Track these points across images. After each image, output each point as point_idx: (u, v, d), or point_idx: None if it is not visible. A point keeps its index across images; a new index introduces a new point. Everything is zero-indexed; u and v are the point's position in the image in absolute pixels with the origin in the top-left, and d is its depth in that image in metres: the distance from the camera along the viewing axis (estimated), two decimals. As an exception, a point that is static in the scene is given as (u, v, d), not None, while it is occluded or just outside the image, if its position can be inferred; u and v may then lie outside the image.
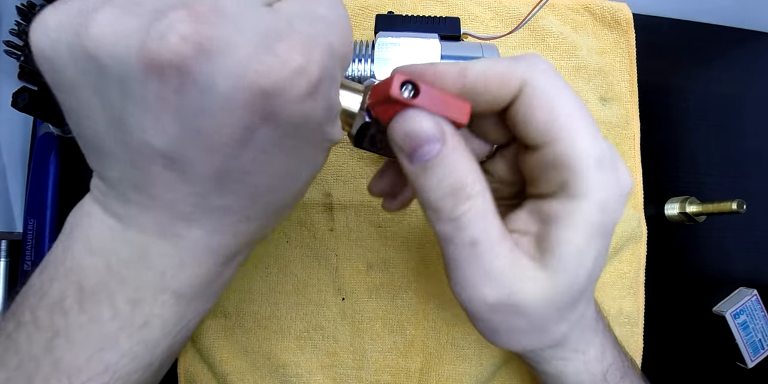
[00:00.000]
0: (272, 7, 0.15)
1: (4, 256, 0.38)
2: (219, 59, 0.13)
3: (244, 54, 0.14)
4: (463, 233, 0.17)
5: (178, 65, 0.13)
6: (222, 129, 0.15)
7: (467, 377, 0.34)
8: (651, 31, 0.41)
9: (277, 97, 0.14)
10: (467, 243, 0.17)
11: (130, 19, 0.14)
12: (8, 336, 0.18)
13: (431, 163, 0.17)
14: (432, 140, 0.16)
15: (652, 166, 0.39)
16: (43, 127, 0.39)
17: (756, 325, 0.38)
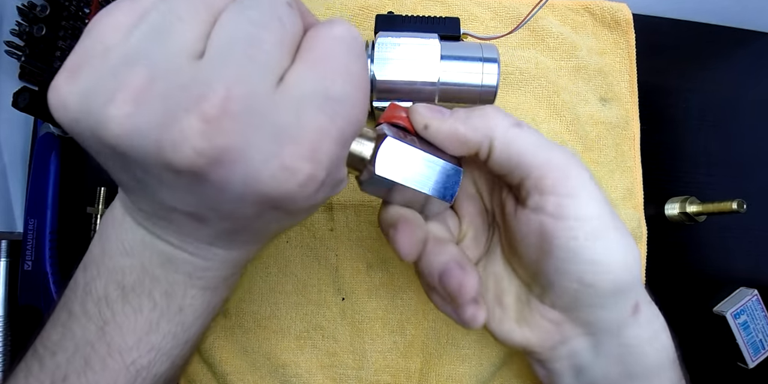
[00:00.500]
0: (283, 87, 0.15)
1: (5, 256, 0.38)
2: (232, 168, 0.15)
3: (255, 164, 0.15)
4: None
5: (194, 171, 0.15)
6: (235, 212, 0.17)
7: (467, 377, 0.34)
8: (651, 31, 0.41)
9: (286, 201, 0.16)
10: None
11: (143, 116, 0.14)
12: (63, 325, 0.21)
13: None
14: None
15: (652, 166, 0.39)
16: (44, 127, 0.39)
17: (756, 325, 0.38)
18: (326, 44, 0.17)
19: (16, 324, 0.39)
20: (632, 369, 0.23)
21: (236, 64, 0.14)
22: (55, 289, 0.37)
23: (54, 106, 0.16)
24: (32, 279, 0.37)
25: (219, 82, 0.14)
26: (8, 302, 0.38)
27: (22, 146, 0.41)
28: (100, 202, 0.38)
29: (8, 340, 0.38)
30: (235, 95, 0.14)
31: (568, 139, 0.37)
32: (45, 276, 0.37)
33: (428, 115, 0.22)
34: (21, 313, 0.38)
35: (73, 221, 0.39)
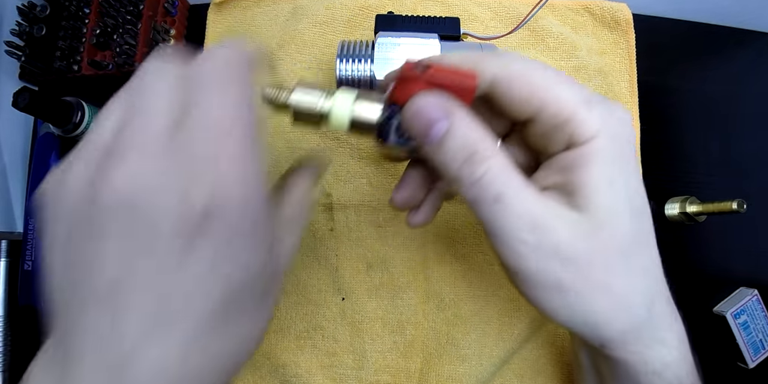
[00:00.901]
0: (173, 147, 0.16)
1: (5, 256, 0.38)
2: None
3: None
4: (486, 191, 0.18)
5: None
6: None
7: (467, 377, 0.34)
8: (651, 31, 0.41)
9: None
10: (492, 199, 0.18)
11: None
12: None
13: (445, 138, 0.18)
14: (439, 119, 0.18)
15: (652, 166, 0.39)
16: (44, 127, 0.39)
17: (757, 325, 0.38)
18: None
19: (16, 324, 0.39)
20: (613, 373, 0.22)
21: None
22: (55, 289, 0.37)
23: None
24: (32, 279, 0.37)
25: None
26: (8, 302, 0.38)
27: (22, 146, 0.41)
28: (100, 202, 0.38)
29: (8, 340, 0.38)
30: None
31: (568, 139, 0.37)
32: (45, 276, 0.37)
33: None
34: (21, 313, 0.38)
35: (73, 221, 0.39)
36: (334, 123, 0.21)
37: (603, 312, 0.19)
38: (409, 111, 0.19)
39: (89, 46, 0.39)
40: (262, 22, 0.39)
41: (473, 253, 0.36)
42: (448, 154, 0.19)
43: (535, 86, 0.19)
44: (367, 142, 0.36)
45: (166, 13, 0.39)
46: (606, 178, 0.18)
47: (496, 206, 0.18)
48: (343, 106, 0.21)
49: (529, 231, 0.18)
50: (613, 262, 0.19)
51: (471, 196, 0.19)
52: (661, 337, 0.21)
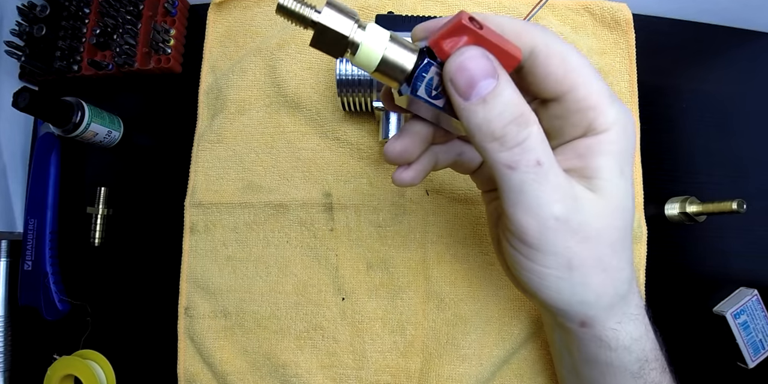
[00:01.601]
0: None
1: (5, 256, 0.38)
2: None
3: None
4: (529, 155, 0.18)
5: None
6: None
7: (467, 377, 0.34)
8: (651, 31, 0.41)
9: None
10: (533, 164, 0.18)
11: None
12: None
13: (491, 95, 0.18)
14: (488, 75, 0.18)
15: (652, 166, 0.39)
16: (44, 127, 0.39)
17: (756, 325, 0.38)
18: None
19: (16, 324, 0.39)
20: (586, 357, 0.24)
21: None
22: (55, 289, 0.37)
23: None
24: (32, 279, 0.37)
25: None
26: (8, 302, 0.38)
27: (22, 146, 0.41)
28: (100, 202, 0.38)
29: (8, 340, 0.38)
30: None
31: (568, 139, 0.37)
32: (45, 276, 0.37)
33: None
34: (21, 313, 0.38)
35: (73, 221, 0.39)
36: (362, 58, 0.19)
37: (596, 289, 0.21)
38: (455, 63, 0.18)
39: (89, 46, 0.39)
40: (262, 22, 0.39)
41: (473, 253, 0.36)
42: (493, 112, 0.18)
43: (571, 68, 0.19)
44: (368, 142, 0.36)
45: (166, 13, 0.39)
46: (620, 166, 0.20)
47: (535, 171, 0.18)
48: (377, 42, 0.19)
49: (562, 203, 0.19)
50: (617, 241, 0.21)
51: (509, 158, 0.18)
52: (631, 312, 0.23)
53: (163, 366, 0.36)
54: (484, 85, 0.18)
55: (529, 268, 0.20)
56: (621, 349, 0.23)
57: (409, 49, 0.19)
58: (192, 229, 0.37)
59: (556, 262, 0.20)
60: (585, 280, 0.20)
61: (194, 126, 0.38)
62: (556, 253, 0.20)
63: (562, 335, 0.25)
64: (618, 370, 0.23)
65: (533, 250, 0.20)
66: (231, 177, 0.37)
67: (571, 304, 0.21)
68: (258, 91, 0.37)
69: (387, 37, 0.19)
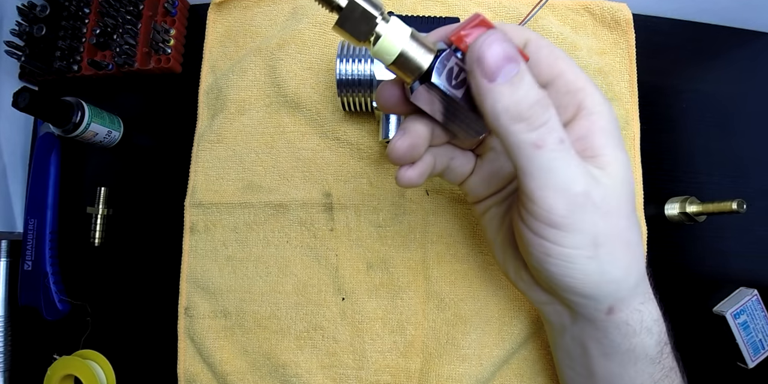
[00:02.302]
0: None
1: (5, 256, 0.38)
2: None
3: None
4: (554, 134, 0.19)
5: None
6: None
7: (467, 377, 0.34)
8: (651, 31, 0.41)
9: None
10: (558, 141, 0.19)
11: None
12: None
13: (517, 77, 0.19)
14: (514, 58, 0.19)
15: (652, 166, 0.39)
16: (44, 127, 0.39)
17: (756, 325, 0.38)
18: None
19: (16, 324, 0.39)
20: (606, 349, 0.24)
21: None
22: (55, 289, 0.37)
23: None
24: (32, 279, 0.37)
25: None
26: (8, 302, 0.38)
27: (22, 146, 0.41)
28: (100, 202, 0.38)
29: (8, 340, 0.38)
30: None
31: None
32: (45, 276, 0.37)
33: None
34: (21, 313, 0.38)
35: (73, 221, 0.39)
36: (382, 49, 0.20)
37: (624, 266, 0.22)
38: (482, 44, 0.19)
39: (89, 46, 0.39)
40: (262, 22, 0.39)
41: (473, 253, 0.36)
42: (520, 94, 0.19)
43: (558, 56, 0.22)
44: (368, 142, 0.36)
45: (166, 13, 0.39)
46: (616, 141, 0.21)
47: (560, 149, 0.19)
48: (399, 35, 0.20)
49: (584, 179, 0.20)
50: (631, 214, 0.22)
51: (537, 137, 0.19)
52: (650, 291, 0.24)
53: (163, 366, 0.36)
54: (510, 67, 0.19)
55: (556, 253, 0.21)
56: (644, 333, 0.23)
57: (427, 48, 0.20)
58: (192, 229, 0.37)
59: (583, 240, 0.20)
60: (612, 257, 0.21)
61: (194, 126, 0.38)
62: (583, 231, 0.20)
63: (578, 332, 0.25)
64: (639, 357, 0.24)
65: (560, 231, 0.20)
66: (231, 177, 0.37)
67: (600, 286, 0.21)
68: (258, 91, 0.37)
69: (409, 32, 0.20)
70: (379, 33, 0.19)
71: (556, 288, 0.23)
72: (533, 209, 0.20)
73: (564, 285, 0.22)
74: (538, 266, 0.22)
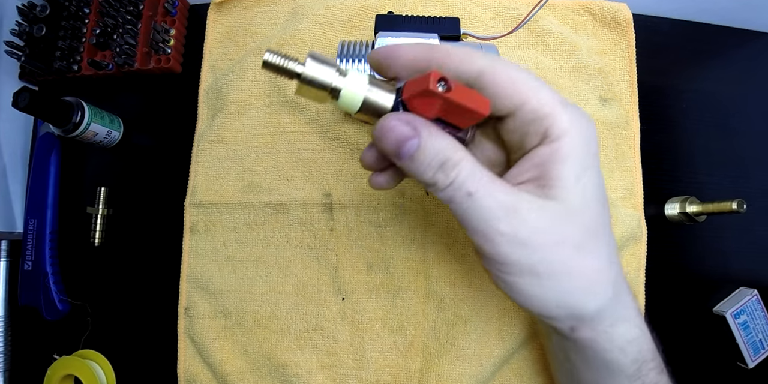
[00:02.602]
0: None
1: (5, 256, 0.38)
2: None
3: None
4: (460, 191, 0.20)
5: None
6: None
7: (467, 377, 0.34)
8: (651, 31, 0.41)
9: None
10: (465, 195, 0.20)
11: None
12: None
13: (418, 152, 0.20)
14: (409, 137, 0.20)
15: (652, 166, 0.39)
16: (44, 127, 0.39)
17: (756, 325, 0.38)
18: None
19: (16, 324, 0.39)
20: (583, 359, 0.24)
21: None
22: (55, 289, 0.37)
23: None
24: (32, 279, 0.37)
25: None
26: (8, 302, 0.38)
27: (22, 146, 0.41)
28: (100, 202, 0.38)
29: (8, 340, 0.38)
30: None
31: (568, 139, 0.37)
32: (45, 276, 0.37)
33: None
34: (21, 313, 0.38)
35: (73, 221, 0.39)
36: (345, 102, 0.21)
37: (577, 292, 0.21)
38: (379, 132, 0.20)
39: (89, 46, 0.39)
40: (262, 22, 0.39)
41: (473, 253, 0.36)
42: (422, 166, 0.20)
43: (519, 83, 0.21)
44: (368, 142, 0.36)
45: (166, 13, 0.39)
46: (578, 171, 0.21)
47: (469, 201, 0.20)
48: (357, 88, 0.21)
49: (504, 220, 0.20)
50: (585, 243, 0.21)
51: (446, 197, 0.21)
52: (624, 314, 0.23)
53: (163, 366, 0.36)
54: (408, 146, 0.20)
55: (502, 279, 0.21)
56: (616, 351, 0.23)
57: (387, 90, 0.21)
58: (192, 229, 0.37)
59: (520, 270, 0.21)
60: (557, 286, 0.21)
61: (194, 126, 0.38)
62: (518, 263, 0.20)
63: (558, 340, 0.25)
64: (614, 372, 0.24)
65: (497, 262, 0.21)
66: (231, 177, 0.37)
67: (551, 310, 0.22)
68: (258, 91, 0.37)
69: (366, 80, 0.21)
70: (337, 88, 0.21)
71: (523, 309, 0.23)
72: (474, 243, 0.21)
73: (521, 303, 0.22)
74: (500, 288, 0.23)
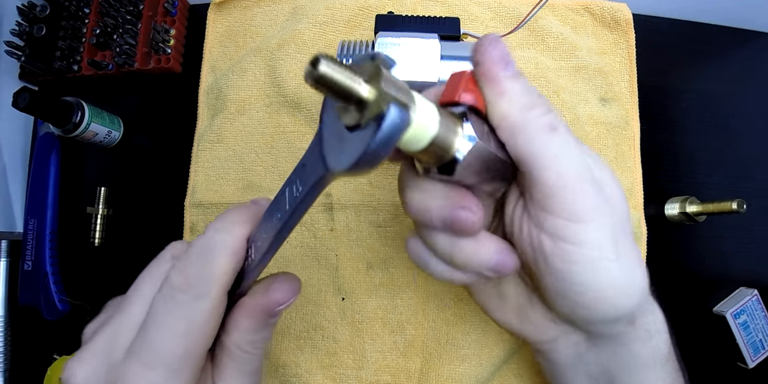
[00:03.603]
0: None
1: (5, 256, 0.38)
2: None
3: None
4: (562, 120, 0.20)
5: None
6: None
7: (467, 377, 0.34)
8: (651, 31, 0.41)
9: None
10: (567, 126, 0.20)
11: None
12: None
13: (518, 72, 0.20)
14: (510, 57, 0.20)
15: (652, 166, 0.39)
16: (44, 127, 0.39)
17: (756, 325, 0.38)
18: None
19: (16, 324, 0.39)
20: (624, 363, 0.23)
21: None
22: (55, 289, 0.37)
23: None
24: (32, 279, 0.37)
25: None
26: (8, 302, 0.38)
27: (22, 146, 0.41)
28: (100, 202, 0.38)
29: (8, 340, 0.38)
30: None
31: (568, 139, 0.37)
32: (45, 276, 0.37)
33: (488, 57, 0.19)
34: (21, 313, 0.38)
35: (73, 221, 0.39)
36: (413, 138, 0.16)
37: (640, 266, 0.21)
38: (487, 47, 0.19)
39: (89, 46, 0.39)
40: (262, 22, 0.39)
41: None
42: (526, 83, 0.20)
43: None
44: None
45: (166, 13, 0.39)
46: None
47: (570, 134, 0.20)
48: (430, 117, 0.16)
49: (593, 169, 0.20)
50: (624, 238, 0.20)
51: (550, 120, 0.19)
52: (651, 301, 0.23)
53: (163, 366, 0.36)
54: (512, 62, 0.20)
55: (579, 258, 0.19)
56: (660, 334, 0.23)
57: (453, 119, 0.17)
58: (192, 229, 0.37)
59: (604, 235, 0.19)
60: (629, 257, 0.20)
61: (194, 126, 0.38)
62: (602, 224, 0.19)
63: (595, 356, 0.24)
64: (657, 360, 0.23)
65: (582, 223, 0.19)
66: (231, 177, 0.37)
67: (627, 292, 0.20)
68: (258, 91, 0.37)
69: (435, 109, 0.17)
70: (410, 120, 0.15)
71: (580, 310, 0.21)
72: (551, 204, 0.19)
73: (592, 305, 0.20)
74: (560, 286, 0.20)
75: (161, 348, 0.19)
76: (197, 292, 0.19)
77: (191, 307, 0.19)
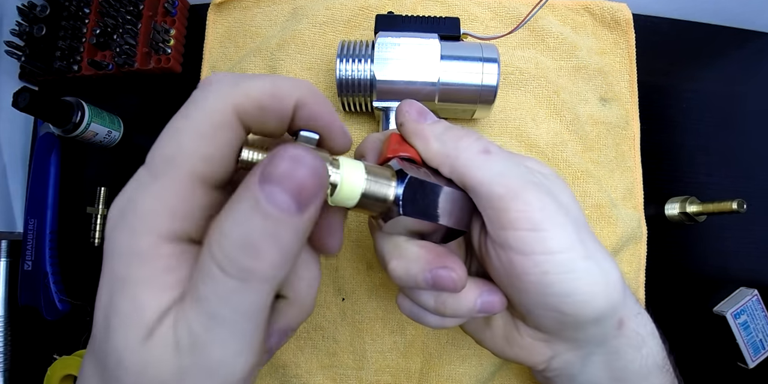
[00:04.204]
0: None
1: (5, 256, 0.38)
2: None
3: None
4: (494, 143, 0.22)
5: None
6: None
7: (467, 377, 0.34)
8: (651, 31, 0.41)
9: None
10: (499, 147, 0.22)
11: None
12: None
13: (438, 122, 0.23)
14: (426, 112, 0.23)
15: (652, 166, 0.39)
16: (44, 127, 0.39)
17: (757, 325, 0.38)
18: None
19: (16, 324, 0.39)
20: (620, 374, 0.23)
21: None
22: (55, 289, 0.37)
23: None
24: (32, 279, 0.37)
25: None
26: (8, 302, 0.38)
27: (22, 146, 0.41)
28: (100, 202, 0.38)
29: (8, 340, 0.38)
30: None
31: (567, 139, 0.37)
32: (45, 276, 0.37)
33: (408, 117, 0.22)
34: (21, 313, 0.38)
35: (73, 221, 0.39)
36: (343, 197, 0.18)
37: (611, 260, 0.21)
38: (401, 109, 0.22)
39: (89, 46, 0.39)
40: (262, 23, 0.39)
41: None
42: (441, 127, 0.22)
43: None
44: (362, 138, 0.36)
45: (166, 13, 0.39)
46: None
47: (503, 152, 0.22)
48: (356, 178, 0.18)
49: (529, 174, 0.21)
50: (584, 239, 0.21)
51: (481, 146, 0.21)
52: (635, 301, 0.23)
53: (163, 366, 0.36)
54: (427, 114, 0.23)
55: (553, 266, 0.19)
56: (650, 337, 0.23)
57: (383, 176, 0.19)
58: (192, 229, 0.37)
59: (568, 235, 0.19)
60: (599, 252, 0.20)
61: (194, 126, 0.38)
62: (563, 224, 0.20)
63: (590, 374, 0.24)
64: (651, 369, 0.23)
65: (543, 231, 0.19)
66: (231, 177, 0.37)
67: (608, 292, 0.20)
68: (258, 91, 0.37)
69: (363, 168, 0.18)
70: (333, 183, 0.17)
71: (567, 317, 0.21)
72: (509, 218, 0.19)
73: (575, 308, 0.20)
74: (541, 300, 0.20)
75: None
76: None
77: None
